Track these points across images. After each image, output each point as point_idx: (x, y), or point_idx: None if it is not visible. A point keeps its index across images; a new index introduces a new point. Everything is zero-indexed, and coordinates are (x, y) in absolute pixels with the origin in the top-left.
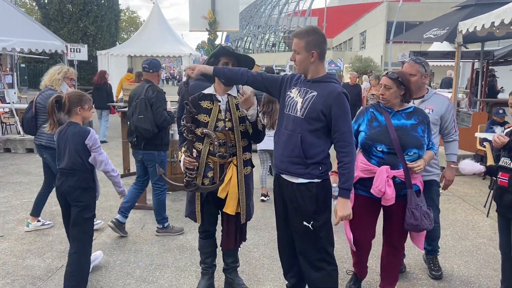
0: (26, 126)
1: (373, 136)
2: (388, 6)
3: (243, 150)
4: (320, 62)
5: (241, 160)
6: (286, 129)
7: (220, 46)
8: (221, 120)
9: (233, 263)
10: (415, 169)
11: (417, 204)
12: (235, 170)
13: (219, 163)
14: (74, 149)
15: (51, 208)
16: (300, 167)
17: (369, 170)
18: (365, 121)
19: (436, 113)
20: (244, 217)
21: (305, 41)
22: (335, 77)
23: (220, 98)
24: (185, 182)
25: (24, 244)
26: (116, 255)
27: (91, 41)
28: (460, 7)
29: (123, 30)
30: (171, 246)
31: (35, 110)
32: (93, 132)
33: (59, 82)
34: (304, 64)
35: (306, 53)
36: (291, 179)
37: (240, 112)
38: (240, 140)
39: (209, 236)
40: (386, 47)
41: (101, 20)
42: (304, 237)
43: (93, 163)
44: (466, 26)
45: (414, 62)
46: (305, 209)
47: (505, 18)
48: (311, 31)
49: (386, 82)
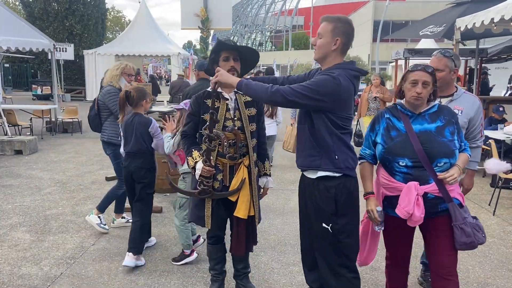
0: (91, 124)
1: (392, 149)
2: (375, 5)
3: (253, 150)
4: (340, 54)
5: (253, 161)
6: (299, 124)
7: (219, 41)
8: (230, 119)
9: (244, 269)
10: (448, 180)
11: (464, 218)
12: (246, 171)
13: (229, 165)
14: (140, 136)
15: (44, 212)
16: (315, 158)
17: (394, 188)
18: (381, 130)
19: (465, 115)
20: (257, 220)
21: (333, 25)
22: (346, 65)
23: (227, 96)
24: (200, 190)
25: (19, 251)
26: (117, 261)
27: (77, 40)
28: (455, 4)
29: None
30: (174, 251)
31: (97, 108)
32: (154, 121)
33: (117, 78)
34: (324, 50)
35: (330, 38)
36: (311, 175)
37: (249, 111)
38: (250, 140)
39: (218, 241)
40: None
41: (88, 19)
42: (323, 240)
43: (154, 147)
44: (464, 22)
45: (443, 56)
46: (324, 210)
47: (505, 14)
48: (343, 19)
49: (425, 78)
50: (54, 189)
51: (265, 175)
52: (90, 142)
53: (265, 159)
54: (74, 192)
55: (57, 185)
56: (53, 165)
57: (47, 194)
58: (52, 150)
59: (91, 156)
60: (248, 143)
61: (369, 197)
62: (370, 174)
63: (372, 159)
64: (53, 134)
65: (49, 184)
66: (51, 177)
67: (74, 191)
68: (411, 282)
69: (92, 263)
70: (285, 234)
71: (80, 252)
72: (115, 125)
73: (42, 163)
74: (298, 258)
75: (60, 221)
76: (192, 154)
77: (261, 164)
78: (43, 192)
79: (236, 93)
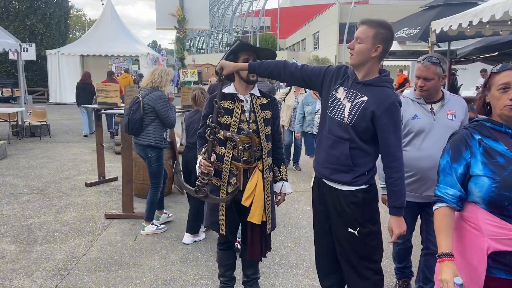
0: (132, 127)
1: (509, 181)
2: (340, 7)
3: (267, 154)
4: (378, 61)
5: (267, 166)
6: (331, 134)
7: (240, 41)
8: (245, 122)
9: (253, 275)
10: None
11: None
12: (261, 176)
13: (243, 169)
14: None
15: (26, 221)
16: (346, 176)
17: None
18: (477, 157)
19: (459, 119)
20: (269, 226)
21: (376, 31)
22: (389, 79)
23: (243, 98)
24: (196, 186)
25: (7, 263)
26: (114, 271)
27: (39, 40)
28: (427, 7)
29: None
30: (172, 258)
31: (143, 111)
32: None
33: (168, 83)
34: (363, 56)
35: (372, 44)
36: (335, 185)
37: (265, 114)
38: (265, 143)
39: (230, 247)
40: (340, 48)
41: (50, 17)
42: (349, 245)
43: None
44: (440, 25)
45: (431, 64)
46: (351, 215)
47: (484, 17)
48: (385, 24)
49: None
50: (32, 196)
51: (281, 180)
52: (61, 146)
53: (281, 164)
54: (54, 199)
55: (34, 192)
56: (26, 171)
57: (26, 202)
58: (22, 155)
59: (64, 161)
60: (263, 147)
61: (445, 260)
62: (451, 225)
63: (457, 203)
64: (20, 139)
65: (26, 191)
66: (26, 183)
67: (54, 198)
68: None
69: (87, 274)
70: (282, 237)
71: (73, 263)
72: (161, 130)
73: (14, 169)
74: (300, 261)
75: (44, 231)
76: (199, 153)
77: (277, 168)
78: (21, 200)
79: (252, 95)
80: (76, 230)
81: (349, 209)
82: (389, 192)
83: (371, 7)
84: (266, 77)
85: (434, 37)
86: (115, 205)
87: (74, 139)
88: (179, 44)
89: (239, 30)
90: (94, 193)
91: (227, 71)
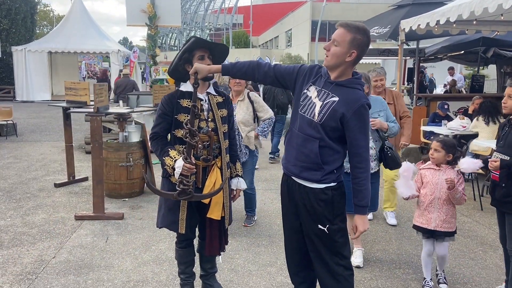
0: None
1: None
2: (312, 5)
3: (225, 151)
4: (352, 65)
5: (225, 163)
6: (301, 132)
7: (194, 38)
8: (204, 121)
9: (211, 269)
10: None
11: None
12: (219, 173)
13: (201, 167)
14: None
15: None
16: (316, 173)
17: None
18: None
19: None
20: (228, 222)
21: (353, 36)
22: (361, 82)
23: (202, 97)
24: (180, 190)
25: None
26: (85, 274)
27: (4, 36)
28: (397, 6)
29: (35, 25)
30: (145, 259)
31: None
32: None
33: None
34: (338, 60)
35: (347, 49)
36: (304, 183)
37: (221, 112)
38: (223, 141)
39: (190, 244)
40: (312, 45)
41: (15, 13)
42: (319, 241)
43: None
44: (408, 24)
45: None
46: (321, 212)
47: (451, 17)
48: (362, 30)
49: None
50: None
51: (237, 176)
52: (29, 146)
53: (236, 160)
54: (21, 201)
55: (0, 194)
56: None
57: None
58: None
59: (32, 162)
60: (221, 145)
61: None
62: None
63: None
64: None
65: None
66: None
67: (21, 200)
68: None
69: (56, 277)
70: (256, 235)
71: (41, 266)
72: None
73: None
74: (274, 259)
75: (11, 234)
76: (169, 154)
77: (233, 165)
78: None
79: (208, 94)
80: (45, 232)
81: (318, 206)
82: (355, 192)
83: (342, 5)
84: (240, 78)
85: (403, 35)
86: (86, 206)
87: (42, 138)
88: (150, 42)
89: (212, 27)
90: (64, 194)
91: (202, 75)
